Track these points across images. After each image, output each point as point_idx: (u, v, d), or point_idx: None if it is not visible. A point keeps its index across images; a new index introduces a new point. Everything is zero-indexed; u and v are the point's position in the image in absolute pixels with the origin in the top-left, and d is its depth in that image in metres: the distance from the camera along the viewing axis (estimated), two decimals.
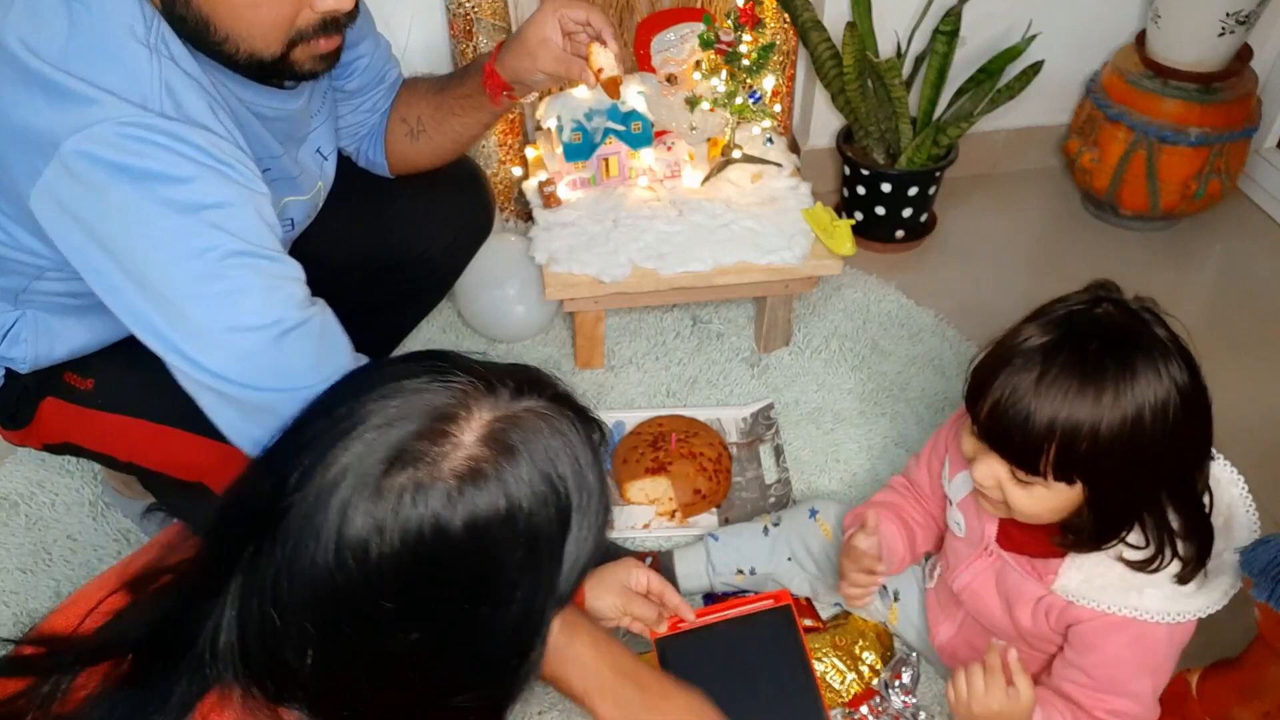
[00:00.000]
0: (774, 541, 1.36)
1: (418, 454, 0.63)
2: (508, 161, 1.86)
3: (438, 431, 0.64)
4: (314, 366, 0.94)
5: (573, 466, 0.69)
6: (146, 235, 0.91)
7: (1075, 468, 0.94)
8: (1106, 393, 0.90)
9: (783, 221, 1.66)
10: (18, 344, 1.13)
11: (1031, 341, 0.94)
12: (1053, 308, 0.97)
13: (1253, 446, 1.60)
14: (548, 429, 0.68)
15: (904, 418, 1.67)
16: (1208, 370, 0.96)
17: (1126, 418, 0.91)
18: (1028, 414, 0.92)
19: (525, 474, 0.66)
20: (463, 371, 0.68)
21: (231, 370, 0.94)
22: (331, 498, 0.63)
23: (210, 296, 0.93)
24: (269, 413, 0.88)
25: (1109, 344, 0.92)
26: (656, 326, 1.83)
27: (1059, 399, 0.91)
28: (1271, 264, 2.02)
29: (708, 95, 1.71)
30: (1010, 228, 2.10)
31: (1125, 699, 1.04)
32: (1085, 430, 0.91)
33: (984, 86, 1.89)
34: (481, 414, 0.66)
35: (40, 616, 1.39)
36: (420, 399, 0.66)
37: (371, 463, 0.63)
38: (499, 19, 1.72)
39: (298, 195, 1.19)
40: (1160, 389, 0.91)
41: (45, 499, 1.53)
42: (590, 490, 0.70)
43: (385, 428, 0.64)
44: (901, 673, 1.26)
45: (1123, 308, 0.95)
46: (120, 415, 1.17)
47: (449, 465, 0.64)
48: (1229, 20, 1.81)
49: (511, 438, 0.66)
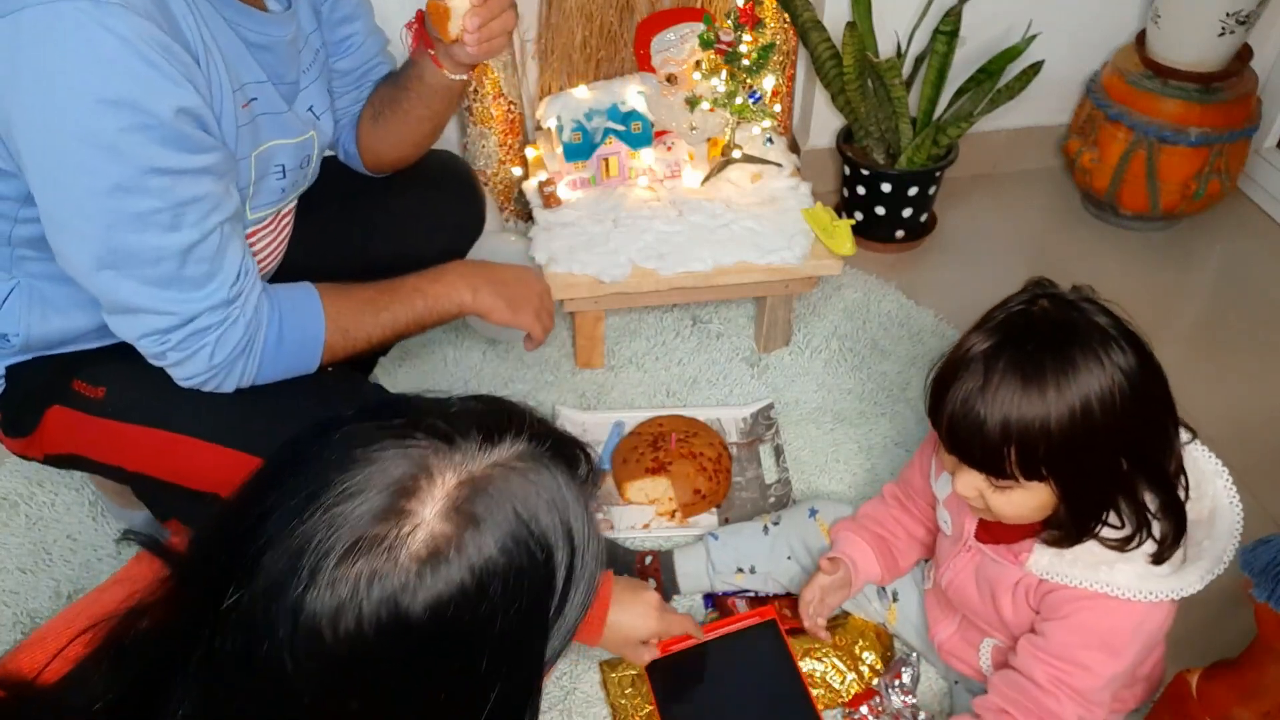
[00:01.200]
0: (774, 540, 1.36)
1: (375, 539, 0.58)
2: (508, 161, 1.86)
3: (396, 510, 0.59)
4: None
5: (552, 520, 0.63)
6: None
7: (1039, 466, 0.96)
8: (1049, 389, 0.92)
9: (783, 221, 1.66)
10: (11, 316, 1.11)
11: (974, 350, 0.96)
12: (993, 314, 0.99)
13: (1253, 446, 1.60)
14: (520, 483, 0.62)
15: (904, 418, 1.67)
16: (1208, 370, 0.96)
17: (1075, 409, 0.92)
18: (981, 422, 0.94)
19: (495, 543, 0.60)
20: (423, 430, 0.63)
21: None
22: (283, 592, 0.58)
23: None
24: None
25: (1046, 341, 0.94)
26: (656, 326, 1.83)
27: (1006, 402, 0.93)
28: (1271, 264, 2.02)
29: (708, 95, 1.71)
30: (1010, 228, 2.10)
31: (1074, 668, 1.04)
32: (1037, 428, 0.93)
33: (984, 86, 1.89)
34: (444, 479, 0.61)
35: (40, 617, 1.40)
36: (376, 470, 0.60)
37: (324, 552, 0.58)
38: None
39: (285, 138, 1.17)
40: (1103, 377, 0.93)
41: (45, 499, 1.53)
42: (577, 540, 0.65)
43: (338, 508, 0.59)
44: (901, 673, 1.26)
45: (1058, 302, 0.97)
46: (134, 425, 1.15)
47: (408, 549, 0.58)
48: (1229, 20, 1.81)
49: (477, 506, 0.60)
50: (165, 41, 0.93)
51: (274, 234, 1.26)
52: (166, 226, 0.98)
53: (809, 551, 1.34)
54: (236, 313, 1.06)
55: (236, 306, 1.06)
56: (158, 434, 1.15)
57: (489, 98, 1.79)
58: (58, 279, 1.07)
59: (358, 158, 1.41)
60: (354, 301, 1.18)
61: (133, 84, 0.91)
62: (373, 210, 1.42)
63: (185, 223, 0.98)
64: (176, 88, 0.94)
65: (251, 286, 1.08)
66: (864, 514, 1.31)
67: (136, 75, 0.91)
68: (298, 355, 1.14)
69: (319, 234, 1.34)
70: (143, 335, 1.04)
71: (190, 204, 0.98)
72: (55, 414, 1.18)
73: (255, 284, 1.09)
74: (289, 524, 0.59)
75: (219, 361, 1.07)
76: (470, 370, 1.74)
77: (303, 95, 1.20)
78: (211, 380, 1.09)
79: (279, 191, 1.19)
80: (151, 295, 1.01)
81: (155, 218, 0.97)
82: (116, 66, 0.90)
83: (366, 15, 1.33)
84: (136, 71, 0.91)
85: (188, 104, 0.95)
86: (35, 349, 1.15)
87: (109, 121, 0.91)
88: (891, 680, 1.26)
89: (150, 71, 0.92)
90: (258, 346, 1.09)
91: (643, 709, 1.24)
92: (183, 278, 1.01)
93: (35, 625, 1.38)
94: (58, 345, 1.15)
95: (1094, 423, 0.93)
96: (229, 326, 1.06)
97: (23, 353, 1.15)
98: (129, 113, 0.91)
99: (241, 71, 1.07)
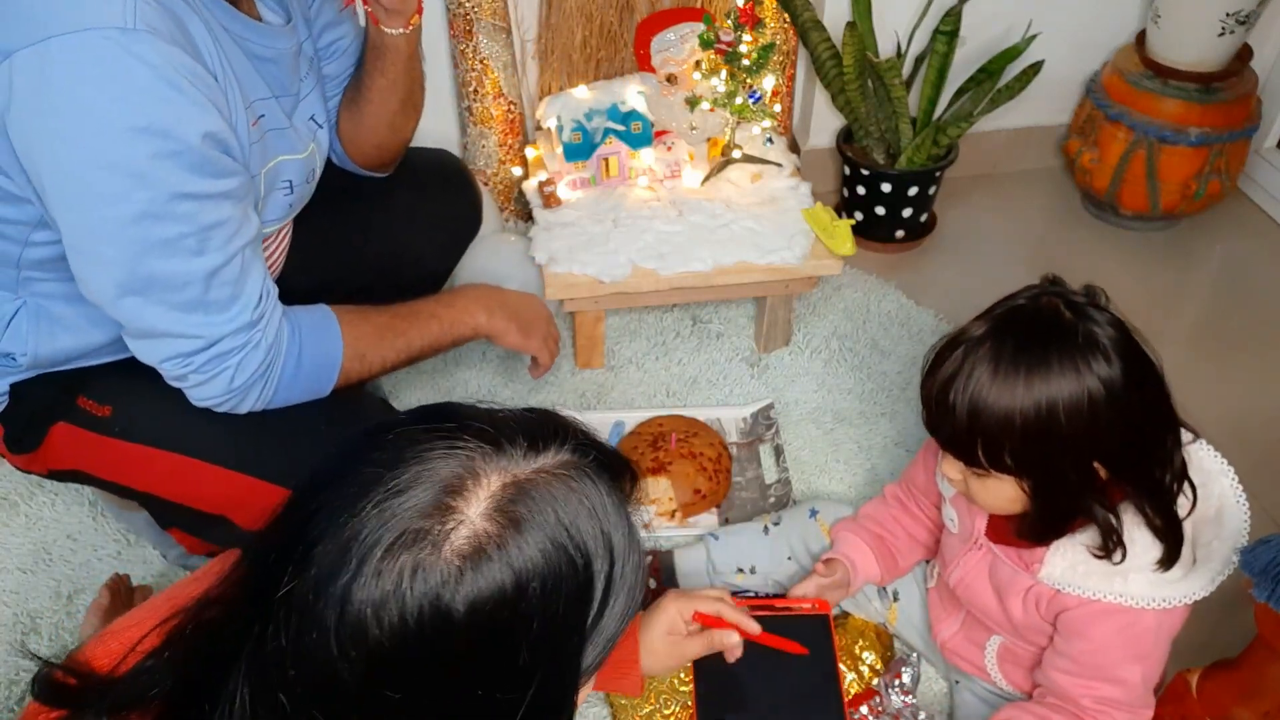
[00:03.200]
0: (774, 541, 1.36)
1: (420, 533, 0.60)
2: (508, 161, 1.86)
3: (442, 506, 0.61)
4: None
5: (593, 528, 0.64)
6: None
7: (1003, 458, 0.97)
8: (1019, 385, 0.93)
9: (783, 221, 1.66)
10: (18, 336, 1.11)
11: (963, 336, 0.98)
12: (997, 304, 1.00)
13: (1253, 446, 1.60)
14: (563, 490, 0.64)
15: (904, 417, 1.67)
16: (1208, 370, 0.96)
17: (1041, 409, 0.93)
18: (951, 406, 0.96)
19: (536, 545, 0.61)
20: (471, 433, 0.64)
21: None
22: (332, 582, 0.60)
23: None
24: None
25: (1029, 338, 0.95)
26: (656, 326, 1.83)
27: (976, 391, 0.95)
28: (1271, 264, 2.02)
29: (708, 95, 1.71)
30: (1010, 228, 2.10)
31: (1112, 685, 1.05)
32: (1000, 421, 0.94)
33: (984, 86, 1.89)
34: (490, 481, 0.62)
35: (40, 617, 1.40)
36: (425, 469, 0.62)
37: (371, 543, 0.60)
38: (499, 19, 1.72)
39: (292, 154, 1.17)
40: (1075, 384, 0.93)
41: (45, 499, 1.53)
42: (617, 551, 0.66)
43: (387, 503, 0.61)
44: (901, 673, 1.26)
45: (1061, 302, 0.97)
46: (141, 445, 1.15)
47: (451, 544, 0.60)
48: (1229, 20, 1.81)
49: (520, 508, 0.62)
50: (191, 67, 0.93)
51: (275, 244, 1.26)
52: (193, 251, 0.98)
53: (809, 552, 1.34)
54: (259, 336, 1.06)
55: (259, 330, 1.06)
56: (164, 455, 1.15)
57: (489, 98, 1.79)
58: (64, 298, 1.08)
59: (344, 154, 1.40)
60: (371, 327, 1.18)
61: (163, 111, 0.91)
62: (369, 210, 1.41)
63: (211, 247, 0.99)
64: (204, 113, 0.94)
65: (273, 309, 1.08)
66: (864, 514, 1.31)
67: (167, 102, 0.91)
68: (314, 380, 1.13)
69: (317, 238, 1.34)
70: (165, 359, 1.04)
71: (215, 228, 0.98)
72: (60, 431, 1.17)
73: (276, 307, 1.09)
74: (340, 517, 0.61)
75: (239, 384, 1.07)
76: (470, 369, 1.74)
77: (302, 106, 1.20)
78: (228, 402, 1.09)
79: (286, 207, 1.19)
80: (176, 320, 1.01)
81: (182, 243, 0.97)
82: (147, 95, 0.90)
83: (352, 18, 1.32)
84: (167, 98, 0.91)
85: (213, 128, 0.96)
86: (42, 367, 1.15)
87: (139, 149, 0.91)
88: (891, 680, 1.26)
89: (180, 98, 0.92)
90: (276, 370, 1.09)
91: (642, 709, 1.24)
92: (207, 302, 1.01)
93: (35, 625, 1.38)
94: (64, 363, 1.15)
95: (1058, 427, 0.93)
96: (250, 350, 1.06)
97: (29, 371, 1.15)
98: (160, 140, 0.91)
99: (249, 89, 1.08)
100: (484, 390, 1.71)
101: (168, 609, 0.72)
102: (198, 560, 1.41)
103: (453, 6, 1.71)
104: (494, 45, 1.73)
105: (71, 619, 1.38)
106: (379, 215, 1.41)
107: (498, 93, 1.78)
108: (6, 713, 1.28)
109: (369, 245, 1.41)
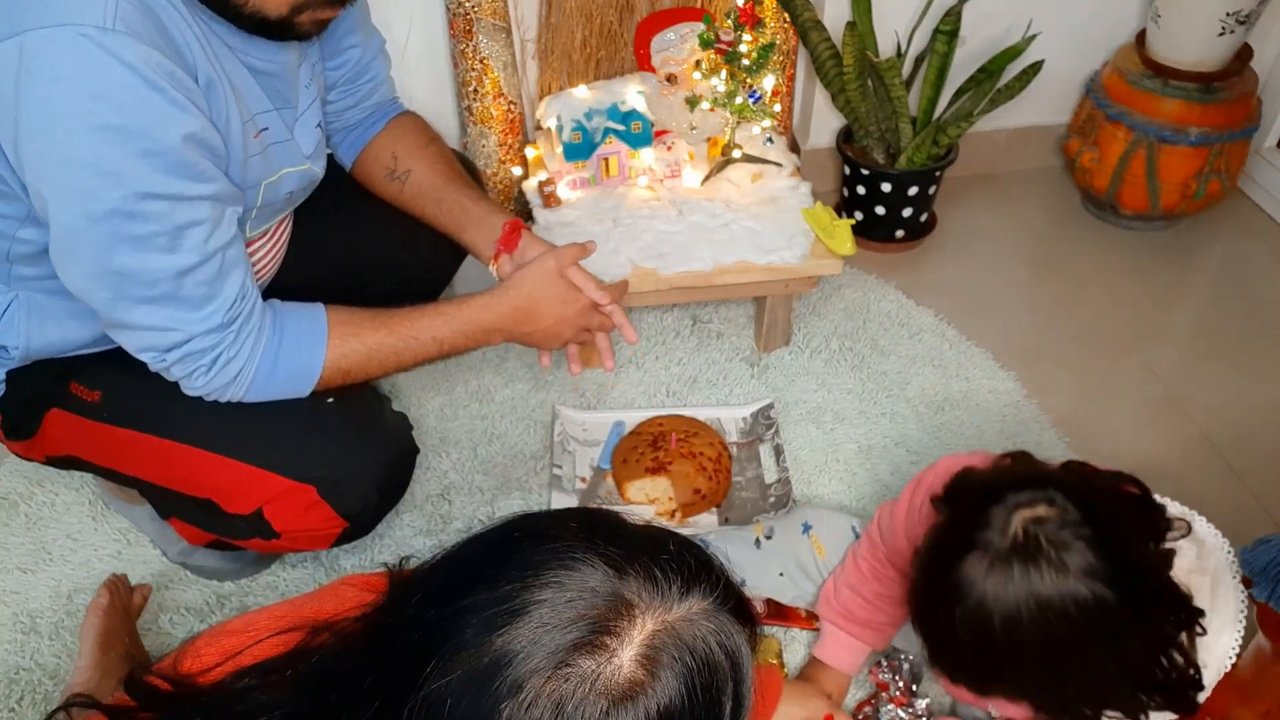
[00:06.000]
0: (766, 556, 1.35)
1: (572, 666, 0.63)
2: (508, 161, 1.86)
3: (598, 645, 0.63)
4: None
5: (728, 664, 0.67)
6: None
7: (984, 686, 0.94)
8: (1036, 622, 0.86)
9: (783, 221, 1.66)
10: (11, 329, 1.12)
11: (975, 590, 0.89)
12: (978, 536, 0.89)
13: (1253, 446, 1.60)
14: (706, 638, 0.67)
15: (904, 417, 1.67)
16: (1208, 370, 0.96)
17: (1051, 640, 0.87)
18: (977, 660, 0.92)
19: (676, 687, 0.64)
20: (636, 566, 0.67)
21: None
22: (479, 695, 0.62)
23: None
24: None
25: (1024, 577, 0.86)
26: (656, 326, 1.83)
27: (1010, 635, 0.88)
28: (1271, 264, 2.02)
29: (708, 95, 1.71)
30: (1010, 227, 2.10)
31: None
32: (1014, 662, 0.89)
33: (984, 86, 1.89)
34: (645, 623, 0.65)
35: (40, 617, 1.40)
36: (588, 600, 0.65)
37: (526, 670, 0.62)
38: (499, 19, 1.72)
39: (295, 166, 1.18)
40: (1010, 599, 0.86)
41: (45, 499, 1.53)
42: (744, 683, 0.69)
43: (547, 629, 0.63)
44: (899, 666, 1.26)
45: (1036, 536, 0.87)
46: (127, 430, 1.16)
47: (606, 685, 0.63)
48: (1229, 20, 1.81)
49: (669, 654, 0.65)
50: (170, 68, 0.93)
51: (272, 243, 1.26)
52: (164, 249, 0.98)
53: (802, 570, 1.32)
54: (230, 338, 1.06)
55: (231, 331, 1.06)
56: (149, 439, 1.16)
57: (489, 97, 1.79)
58: (56, 292, 1.08)
59: (347, 164, 1.41)
60: (363, 346, 1.16)
61: (139, 111, 0.91)
62: (375, 207, 1.41)
63: (184, 246, 0.99)
64: (183, 114, 0.94)
65: (250, 312, 1.07)
66: (844, 597, 1.25)
67: (144, 102, 0.91)
68: (287, 387, 1.14)
69: (316, 236, 1.34)
70: (140, 350, 1.06)
71: (190, 228, 0.98)
72: (54, 416, 1.19)
73: (256, 311, 1.08)
74: (494, 630, 0.63)
75: (216, 383, 1.08)
76: (470, 370, 1.74)
77: (305, 116, 1.21)
78: (210, 397, 1.10)
79: (281, 213, 1.21)
80: (146, 313, 1.01)
81: (153, 241, 0.97)
82: (123, 93, 0.90)
83: (366, 25, 1.32)
84: (144, 98, 0.91)
85: (194, 129, 0.96)
86: (35, 358, 1.15)
87: (113, 148, 0.91)
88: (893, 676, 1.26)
89: (157, 98, 0.92)
90: (248, 375, 1.09)
91: None
92: (179, 299, 1.01)
93: (35, 625, 1.37)
94: (57, 354, 1.16)
95: (1067, 654, 0.88)
96: (223, 350, 1.06)
97: (22, 361, 1.16)
98: (134, 139, 0.92)
99: (251, 102, 1.08)
100: (483, 389, 1.71)
101: (287, 622, 0.74)
102: (199, 556, 1.41)
103: (453, 6, 1.71)
104: (494, 45, 1.73)
105: (71, 618, 1.38)
106: (384, 212, 1.41)
107: (498, 92, 1.78)
108: (7, 712, 1.28)
109: (372, 238, 1.41)
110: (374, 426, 1.23)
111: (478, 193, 1.37)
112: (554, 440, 1.59)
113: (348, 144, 1.39)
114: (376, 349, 1.17)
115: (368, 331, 1.16)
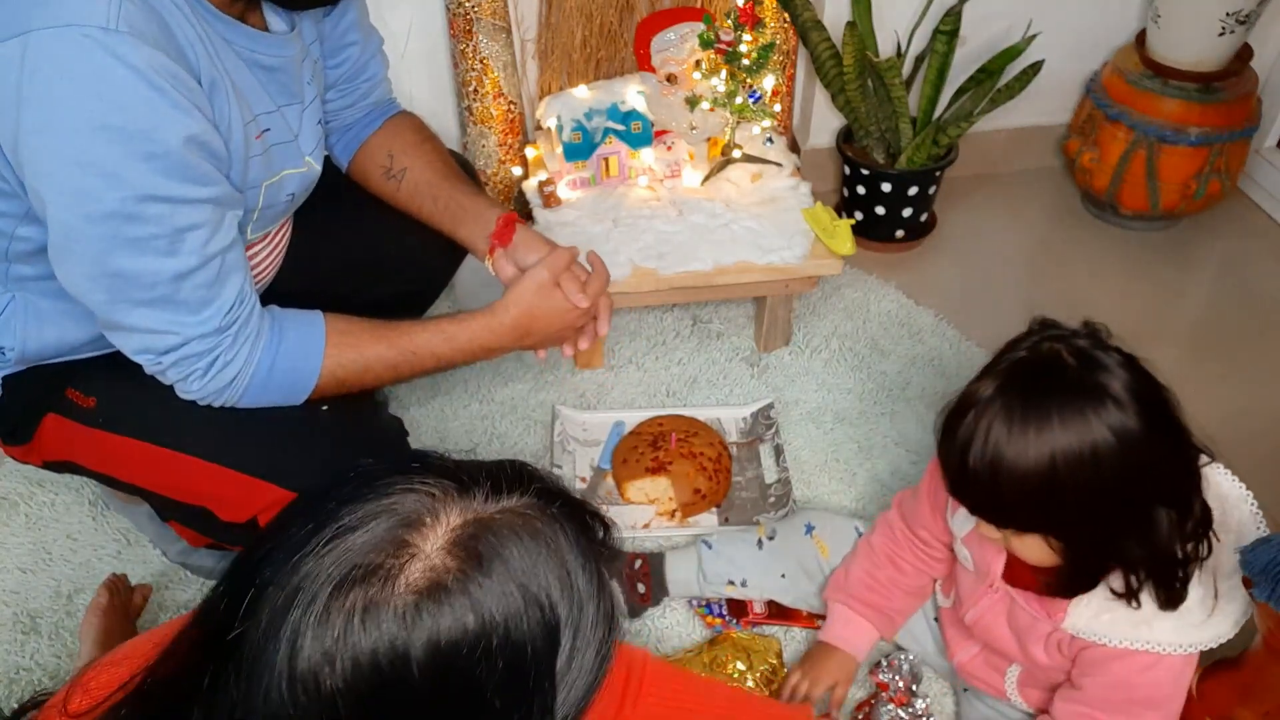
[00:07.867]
0: (768, 557, 1.34)
1: (371, 568, 0.57)
2: (508, 161, 1.86)
3: (397, 540, 0.58)
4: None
5: (559, 574, 0.61)
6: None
7: (1030, 517, 0.94)
8: (1032, 443, 0.89)
9: (783, 221, 1.66)
10: (7, 330, 1.11)
11: (974, 398, 0.93)
12: (1000, 357, 0.96)
13: (1254, 446, 1.60)
14: (527, 532, 0.61)
15: (904, 417, 1.67)
16: (1208, 370, 0.95)
17: (1056, 464, 0.89)
18: (974, 473, 0.92)
19: (498, 585, 0.58)
20: (433, 472, 0.62)
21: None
22: (282, 624, 0.57)
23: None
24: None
25: (1038, 392, 0.91)
26: (656, 326, 1.83)
27: (996, 454, 0.91)
28: (1271, 264, 2.02)
29: (708, 95, 1.71)
30: (1010, 228, 2.10)
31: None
32: (1021, 481, 0.90)
33: (984, 86, 1.89)
34: (450, 518, 0.60)
35: (40, 617, 1.40)
36: (380, 506, 0.60)
37: (320, 582, 0.57)
38: (499, 19, 1.72)
39: (296, 168, 1.17)
40: (1083, 436, 0.88)
41: (45, 499, 1.53)
42: (582, 600, 0.63)
43: (338, 541, 0.58)
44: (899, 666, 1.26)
45: (1060, 349, 0.93)
46: (122, 436, 1.15)
47: (406, 579, 0.57)
48: (1229, 20, 1.81)
49: (481, 544, 0.59)
50: (173, 69, 0.93)
51: (272, 246, 1.26)
52: (163, 252, 0.97)
53: (804, 571, 1.32)
54: (228, 342, 1.06)
55: (228, 335, 1.06)
56: (143, 446, 1.15)
57: (489, 97, 1.79)
58: (53, 294, 1.08)
59: (343, 164, 1.40)
60: (362, 357, 1.16)
61: (141, 112, 0.91)
62: (365, 213, 1.41)
63: (183, 249, 0.98)
64: (185, 116, 0.94)
65: (248, 317, 1.07)
66: (855, 578, 1.26)
67: (146, 103, 0.91)
68: (283, 394, 1.13)
69: (314, 240, 1.34)
70: (136, 352, 1.05)
71: (189, 231, 0.98)
72: (51, 422, 1.18)
73: (254, 316, 1.08)
74: (291, 558, 0.58)
75: (210, 388, 1.08)
76: (470, 370, 1.73)
77: (308, 111, 1.20)
78: (204, 401, 1.10)
79: (283, 215, 1.20)
80: (144, 316, 1.01)
81: (152, 243, 0.97)
82: (125, 94, 0.90)
83: (364, 25, 1.32)
84: (146, 99, 0.91)
85: (196, 131, 0.95)
86: (30, 361, 1.15)
87: (114, 149, 0.91)
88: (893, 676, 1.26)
89: (160, 100, 0.92)
90: (243, 382, 1.09)
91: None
92: (177, 301, 1.01)
93: (35, 625, 1.38)
94: (53, 357, 1.15)
95: (1079, 480, 0.89)
96: (219, 355, 1.06)
97: (18, 365, 1.15)
98: (135, 141, 0.91)
99: (254, 102, 1.07)
100: (483, 389, 1.71)
101: (168, 643, 0.69)
102: (199, 556, 1.41)
103: (453, 6, 1.71)
104: (494, 45, 1.73)
105: (71, 619, 1.38)
106: (382, 216, 1.41)
107: (498, 92, 1.78)
108: (7, 712, 1.28)
109: (371, 246, 1.41)
110: (368, 433, 1.22)
111: (473, 188, 1.37)
112: (554, 440, 1.59)
113: (344, 143, 1.39)
114: (374, 361, 1.16)
115: (367, 343, 1.16)
